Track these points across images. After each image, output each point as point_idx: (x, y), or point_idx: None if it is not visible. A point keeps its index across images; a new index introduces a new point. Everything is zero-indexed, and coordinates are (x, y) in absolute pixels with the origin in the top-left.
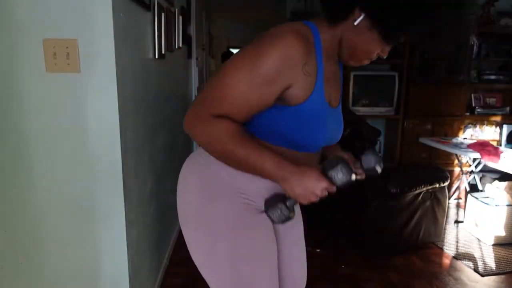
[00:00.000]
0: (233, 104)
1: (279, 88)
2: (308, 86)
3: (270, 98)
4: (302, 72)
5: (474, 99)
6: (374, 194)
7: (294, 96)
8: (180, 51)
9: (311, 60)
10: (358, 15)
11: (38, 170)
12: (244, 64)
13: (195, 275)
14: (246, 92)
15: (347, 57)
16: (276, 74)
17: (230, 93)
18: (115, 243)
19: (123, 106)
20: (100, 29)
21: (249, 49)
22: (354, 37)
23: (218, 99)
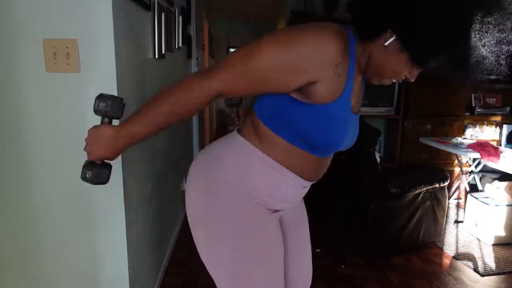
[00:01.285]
0: (250, 71)
1: (304, 79)
2: (337, 88)
3: (291, 86)
4: (333, 72)
5: (474, 99)
6: (374, 194)
7: (319, 94)
8: (180, 51)
9: (344, 63)
10: (390, 36)
11: (38, 170)
12: (281, 42)
13: (195, 276)
14: (269, 67)
15: (371, 74)
16: (307, 64)
17: (254, 59)
18: (115, 243)
19: None
20: (100, 29)
21: (290, 31)
22: (383, 57)
23: (240, 59)
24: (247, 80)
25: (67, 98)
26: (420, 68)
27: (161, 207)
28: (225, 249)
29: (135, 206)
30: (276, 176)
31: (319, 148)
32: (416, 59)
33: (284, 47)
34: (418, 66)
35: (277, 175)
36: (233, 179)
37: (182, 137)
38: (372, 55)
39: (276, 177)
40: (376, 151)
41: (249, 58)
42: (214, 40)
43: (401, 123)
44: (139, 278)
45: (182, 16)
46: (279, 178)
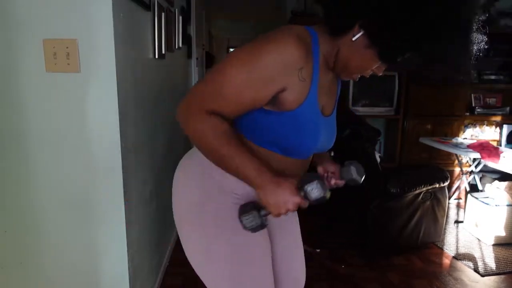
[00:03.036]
0: (226, 99)
1: (273, 89)
2: (302, 92)
3: (263, 98)
4: (297, 77)
5: (474, 99)
6: (374, 194)
7: (287, 101)
8: (180, 51)
9: (307, 66)
10: (357, 31)
11: (38, 170)
12: (243, 60)
13: (195, 276)
14: (240, 89)
15: (339, 69)
16: (272, 75)
17: (224, 87)
18: (115, 243)
19: (123, 106)
20: (100, 29)
21: (248, 47)
22: (350, 52)
23: (212, 92)
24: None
25: (67, 98)
26: (387, 64)
27: (161, 207)
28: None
29: (135, 206)
30: None
31: (292, 152)
32: (382, 55)
33: (248, 65)
34: (384, 61)
35: None
36: (213, 182)
37: (182, 137)
38: (340, 51)
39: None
40: (376, 151)
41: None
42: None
43: (401, 123)
44: (139, 278)
45: (182, 16)
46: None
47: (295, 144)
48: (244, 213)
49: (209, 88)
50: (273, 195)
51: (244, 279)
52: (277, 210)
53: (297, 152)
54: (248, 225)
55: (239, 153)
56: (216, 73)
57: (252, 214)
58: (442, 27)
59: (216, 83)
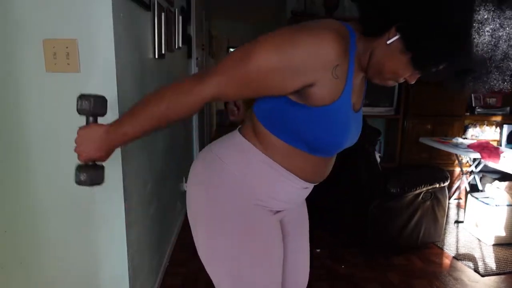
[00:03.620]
0: (245, 76)
1: (301, 82)
2: (335, 89)
3: (287, 88)
4: (331, 74)
5: (474, 99)
6: (374, 194)
7: (318, 96)
8: (180, 51)
9: (343, 64)
10: (393, 35)
11: (38, 170)
12: (277, 46)
13: (195, 276)
14: (265, 70)
15: (372, 73)
16: (304, 67)
17: (250, 63)
18: (115, 243)
19: (123, 106)
20: (100, 29)
21: (285, 33)
22: (384, 56)
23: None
24: (242, 84)
25: (67, 98)
26: (421, 73)
27: (161, 207)
28: (224, 248)
29: (135, 207)
30: (276, 178)
31: (320, 149)
32: (416, 62)
33: (280, 50)
34: (417, 69)
35: (278, 177)
36: (233, 179)
37: (182, 137)
38: (373, 53)
39: (277, 179)
40: (376, 151)
41: (244, 62)
42: (214, 40)
43: (401, 123)
44: (139, 278)
45: (182, 16)
46: (280, 180)
47: (325, 140)
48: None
49: (235, 62)
50: (98, 132)
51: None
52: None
53: (325, 148)
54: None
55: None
56: (245, 50)
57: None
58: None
59: (243, 60)
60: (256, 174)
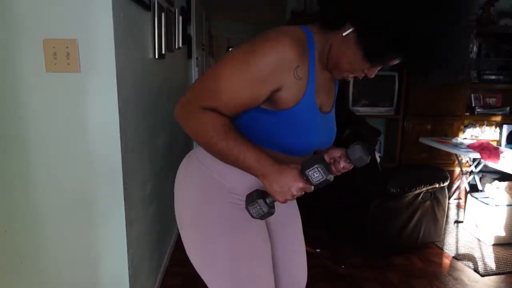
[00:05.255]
0: (223, 97)
1: (269, 88)
2: (299, 90)
3: (259, 97)
4: (293, 76)
5: (474, 99)
6: (374, 194)
7: (284, 99)
8: (180, 51)
9: (303, 65)
10: (349, 27)
11: (38, 170)
12: (239, 60)
13: (195, 276)
14: (237, 87)
15: (331, 67)
16: (268, 74)
17: (221, 86)
18: (115, 243)
19: (123, 106)
20: (100, 29)
21: (245, 47)
22: (340, 49)
23: (209, 90)
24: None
25: (67, 98)
26: (375, 65)
27: (161, 207)
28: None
29: (135, 206)
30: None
31: (292, 150)
32: (368, 53)
33: (244, 64)
34: (371, 61)
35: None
36: (212, 180)
37: (182, 137)
38: (332, 46)
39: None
40: (376, 151)
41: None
42: (214, 40)
43: (401, 123)
44: (139, 278)
45: (182, 16)
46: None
47: (294, 142)
48: (250, 202)
49: (206, 86)
50: (276, 182)
51: (244, 278)
52: (283, 197)
53: (297, 150)
54: (255, 214)
55: (238, 144)
56: (213, 72)
57: (258, 203)
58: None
59: (213, 82)
60: (233, 175)
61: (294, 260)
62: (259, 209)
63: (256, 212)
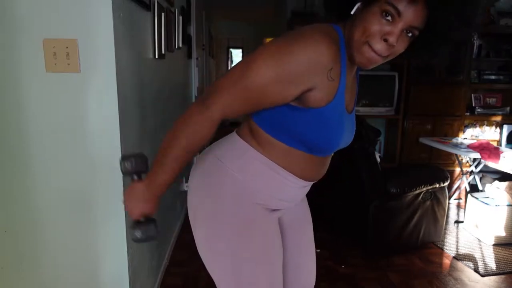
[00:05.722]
0: (249, 90)
1: (300, 89)
2: (331, 91)
3: (288, 97)
4: (327, 77)
5: (474, 99)
6: (374, 194)
7: (315, 99)
8: (180, 51)
9: (336, 66)
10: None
11: (38, 170)
12: (274, 56)
13: (195, 275)
14: (266, 83)
15: (351, 52)
16: (301, 75)
17: (250, 81)
18: (115, 243)
19: (123, 106)
20: (100, 29)
21: (281, 43)
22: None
23: (237, 85)
24: (246, 99)
25: (67, 98)
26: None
27: (161, 207)
28: (224, 247)
29: None
30: (275, 178)
31: (317, 149)
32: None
33: (278, 61)
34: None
35: (276, 177)
36: (233, 180)
37: None
38: (349, 33)
39: (276, 178)
40: (376, 151)
41: (245, 77)
42: (214, 40)
43: (401, 123)
44: (139, 278)
45: (182, 16)
46: (279, 179)
47: (320, 141)
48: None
49: (235, 79)
50: (141, 189)
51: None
52: (127, 195)
53: (321, 149)
54: (134, 237)
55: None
56: (243, 66)
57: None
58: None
59: (243, 77)
60: (255, 174)
61: (303, 260)
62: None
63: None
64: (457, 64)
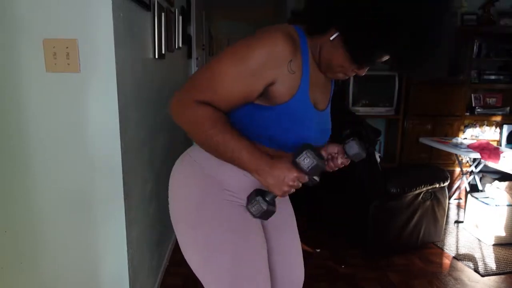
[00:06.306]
0: (217, 91)
1: (263, 81)
2: (293, 85)
3: (254, 91)
4: (287, 69)
5: (474, 99)
6: (374, 194)
7: (278, 93)
8: (180, 51)
9: (296, 59)
10: (334, 32)
11: (38, 170)
12: (234, 55)
13: (195, 276)
14: (232, 81)
15: (324, 68)
16: (262, 67)
17: (216, 80)
18: (115, 243)
19: (123, 106)
20: (100, 29)
21: (239, 43)
22: (330, 51)
23: (204, 85)
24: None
25: (67, 98)
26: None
27: (161, 207)
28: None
29: (135, 206)
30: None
31: (285, 146)
32: (355, 55)
33: (237, 59)
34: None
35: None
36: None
37: (182, 135)
38: (322, 49)
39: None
40: (376, 151)
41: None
42: (214, 40)
43: (401, 123)
44: (139, 278)
45: (182, 16)
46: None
47: (289, 137)
48: (249, 202)
49: (202, 79)
50: (271, 175)
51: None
52: (280, 189)
53: (292, 145)
54: (256, 212)
55: (234, 139)
56: (209, 67)
57: (257, 200)
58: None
59: (209, 76)
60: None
61: (290, 260)
62: (259, 206)
63: (256, 210)
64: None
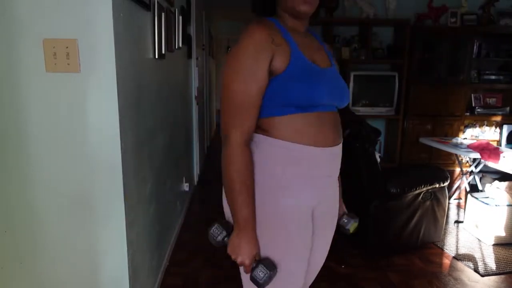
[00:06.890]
0: (243, 105)
1: (265, 66)
2: (285, 52)
3: (264, 78)
4: (274, 45)
5: (474, 99)
6: (374, 194)
7: (279, 64)
8: (180, 51)
9: (277, 35)
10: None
11: (38, 170)
12: (234, 67)
13: (195, 276)
14: (244, 87)
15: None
16: (256, 58)
17: (236, 97)
18: (115, 243)
19: (123, 106)
20: (100, 29)
21: (229, 60)
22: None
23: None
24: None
25: (67, 98)
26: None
27: (161, 207)
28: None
29: (135, 206)
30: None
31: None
32: None
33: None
34: None
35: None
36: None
37: (183, 136)
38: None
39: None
40: (376, 151)
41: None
42: (214, 40)
43: (401, 123)
44: (139, 278)
45: (182, 16)
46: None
47: (305, 95)
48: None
49: (227, 105)
50: (237, 238)
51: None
52: (230, 251)
53: (312, 102)
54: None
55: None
56: (224, 97)
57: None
58: None
59: (229, 99)
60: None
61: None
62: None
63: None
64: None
